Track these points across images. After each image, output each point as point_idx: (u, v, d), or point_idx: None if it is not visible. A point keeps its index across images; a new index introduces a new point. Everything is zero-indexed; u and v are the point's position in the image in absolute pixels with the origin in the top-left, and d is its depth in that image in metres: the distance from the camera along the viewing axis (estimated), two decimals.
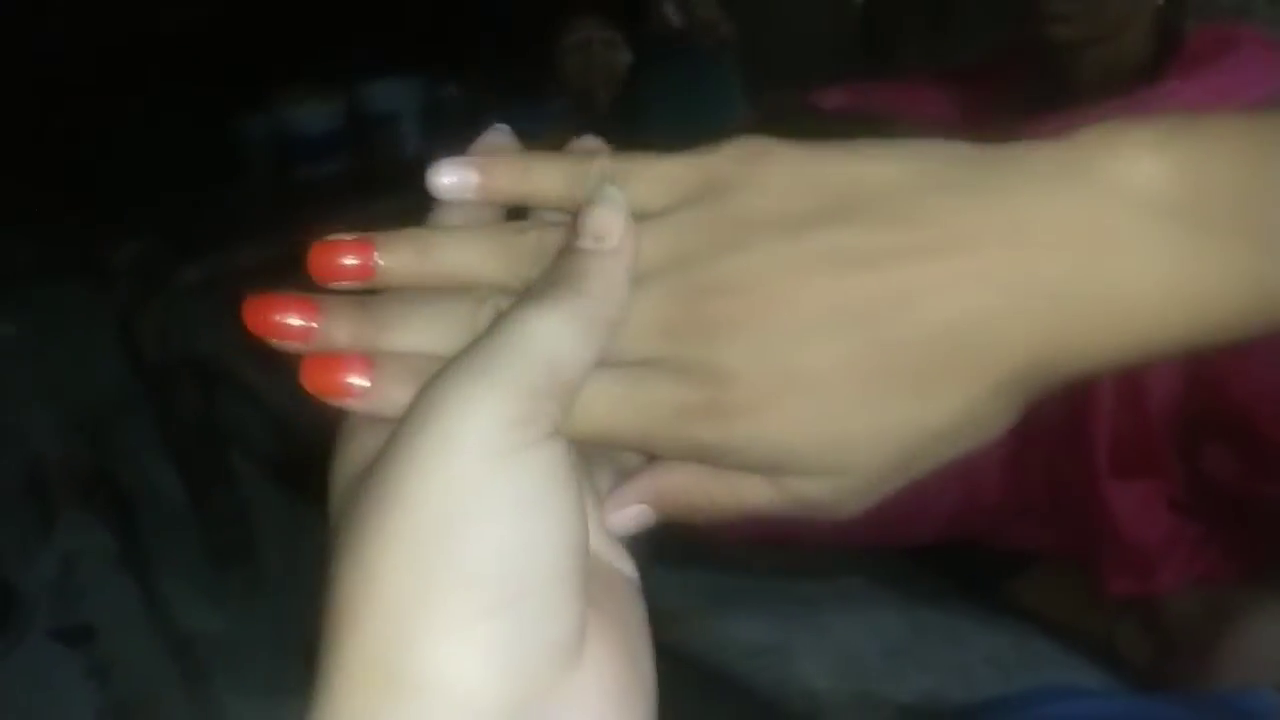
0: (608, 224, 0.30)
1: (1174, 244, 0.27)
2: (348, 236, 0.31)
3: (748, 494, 0.30)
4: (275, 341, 0.30)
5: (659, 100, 1.90)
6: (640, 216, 0.31)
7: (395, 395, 0.29)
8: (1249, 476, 1.20)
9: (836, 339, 0.28)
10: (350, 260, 0.31)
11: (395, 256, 0.31)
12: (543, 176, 0.32)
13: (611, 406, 0.29)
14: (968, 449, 0.29)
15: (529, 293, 0.29)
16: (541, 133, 1.36)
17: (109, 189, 2.86)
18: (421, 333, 0.31)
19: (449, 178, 0.32)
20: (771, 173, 0.30)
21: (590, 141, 0.34)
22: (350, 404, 0.29)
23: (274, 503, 1.99)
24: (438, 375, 0.27)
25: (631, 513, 0.31)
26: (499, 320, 0.28)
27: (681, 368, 0.28)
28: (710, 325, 0.28)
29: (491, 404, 0.26)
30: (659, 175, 0.31)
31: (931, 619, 1.28)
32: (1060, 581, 1.33)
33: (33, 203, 2.59)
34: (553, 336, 0.27)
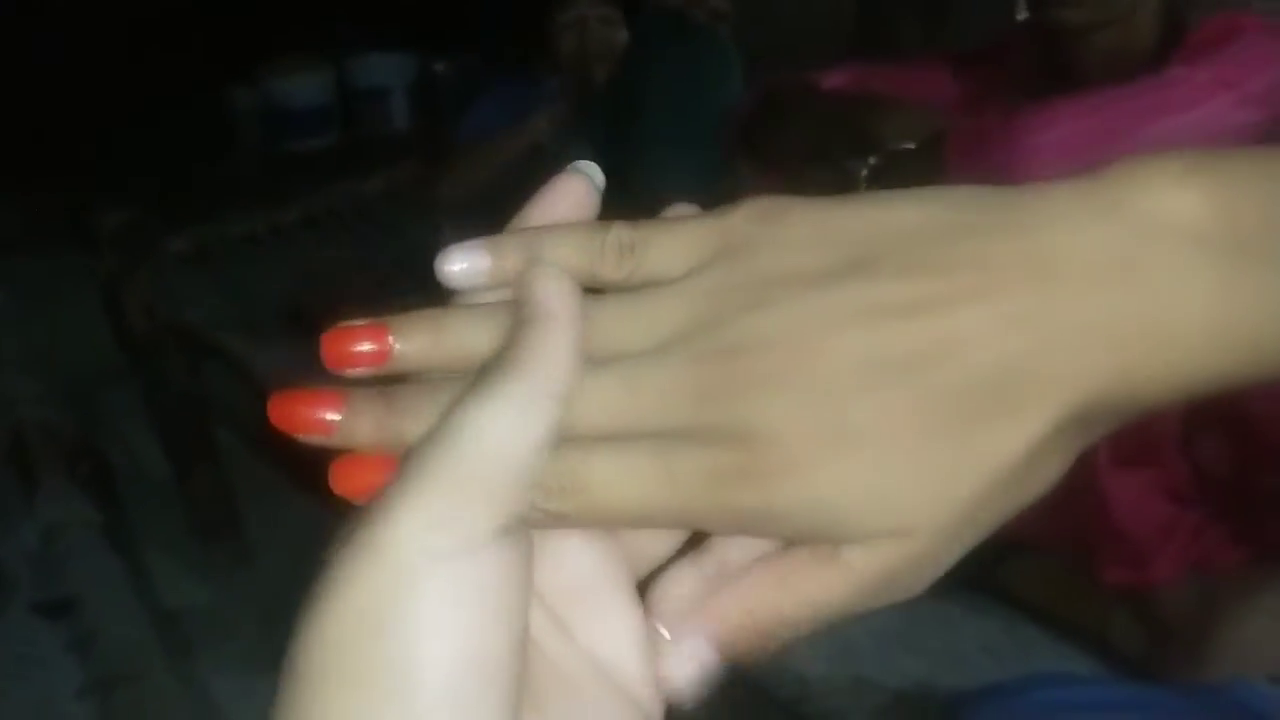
0: (543, 292, 0.29)
1: (1211, 275, 0.27)
2: (360, 322, 0.30)
3: (818, 592, 0.28)
4: (301, 436, 0.29)
5: (656, 79, 1.88)
6: (657, 284, 0.30)
7: None
8: (1244, 469, 1.21)
9: (878, 390, 0.26)
10: (365, 347, 0.30)
11: (411, 341, 0.30)
12: (557, 251, 0.30)
13: (643, 483, 0.27)
14: (1028, 499, 0.28)
15: (473, 379, 0.28)
16: (534, 111, 1.35)
17: (97, 158, 2.84)
18: None
19: (458, 264, 0.30)
20: (791, 229, 0.29)
21: (684, 209, 0.33)
22: None
23: (258, 478, 1.98)
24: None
25: (694, 661, 0.29)
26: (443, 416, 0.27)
27: (714, 433, 0.27)
28: (740, 385, 0.27)
29: (406, 510, 0.25)
30: (675, 241, 0.30)
31: (924, 606, 1.26)
32: (1054, 570, 1.33)
33: (21, 171, 2.57)
34: (485, 426, 0.26)
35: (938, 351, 0.26)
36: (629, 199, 0.32)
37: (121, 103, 2.93)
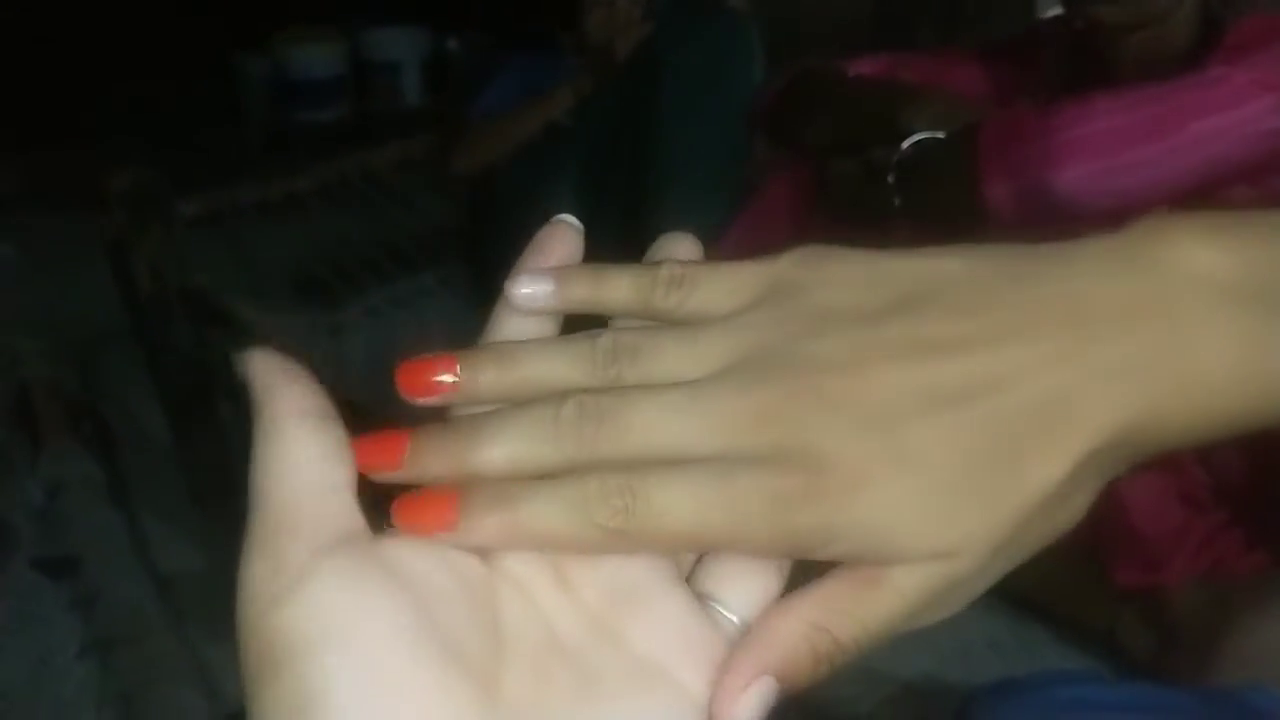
0: (247, 360, 0.30)
1: (1234, 323, 0.29)
2: (433, 355, 0.32)
3: (868, 614, 0.28)
4: (371, 473, 0.30)
5: (677, 59, 1.86)
6: (707, 319, 0.31)
7: (485, 523, 0.29)
8: (1259, 477, 1.21)
9: (931, 417, 0.28)
10: (442, 378, 0.31)
11: (479, 372, 0.31)
12: (614, 285, 0.33)
13: (704, 505, 0.28)
14: (1059, 529, 0.30)
15: None
16: (546, 89, 1.33)
17: (106, 120, 2.82)
18: (509, 442, 0.30)
19: (526, 288, 0.33)
20: (839, 271, 0.31)
21: (684, 241, 0.35)
22: (445, 539, 0.29)
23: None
24: None
25: (752, 695, 0.28)
26: None
27: (773, 454, 0.28)
28: (798, 406, 0.28)
29: (244, 574, 0.27)
30: (725, 280, 0.32)
31: None
32: (1063, 570, 1.33)
33: (29, 129, 2.55)
34: (257, 469, 0.28)
35: (983, 385, 0.28)
36: (644, 182, 0.33)
37: (130, 65, 2.92)
